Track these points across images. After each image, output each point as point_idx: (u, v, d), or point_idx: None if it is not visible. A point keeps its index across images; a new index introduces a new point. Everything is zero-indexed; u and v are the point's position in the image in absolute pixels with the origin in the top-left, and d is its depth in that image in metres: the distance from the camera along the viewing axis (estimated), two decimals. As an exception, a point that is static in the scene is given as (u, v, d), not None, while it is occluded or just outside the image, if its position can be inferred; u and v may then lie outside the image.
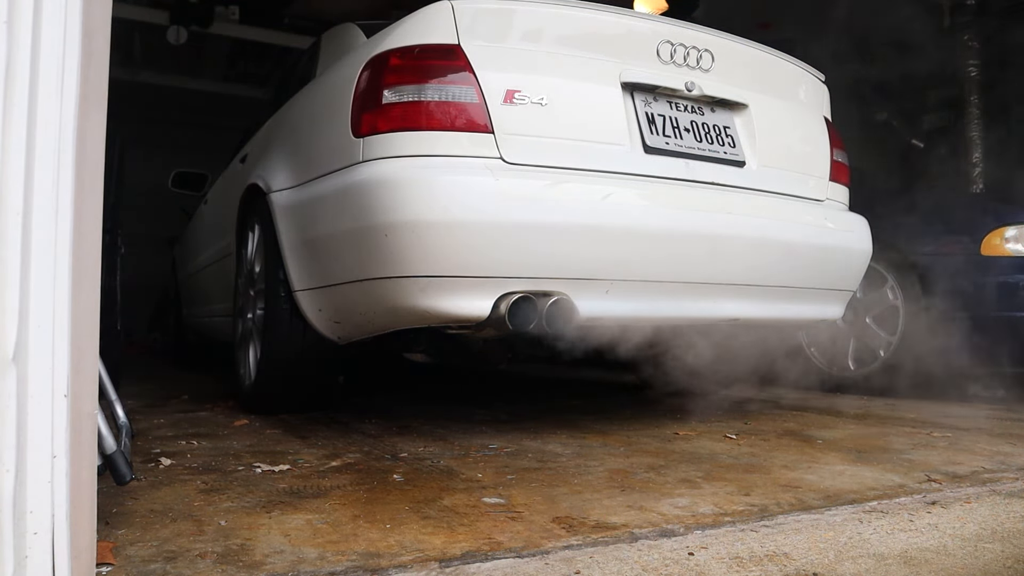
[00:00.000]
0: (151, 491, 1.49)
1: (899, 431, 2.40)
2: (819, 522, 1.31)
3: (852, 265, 2.45)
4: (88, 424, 0.92)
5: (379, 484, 1.57)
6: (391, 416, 2.56)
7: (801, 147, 2.45)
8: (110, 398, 1.66)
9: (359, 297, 1.98)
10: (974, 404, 3.23)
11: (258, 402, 2.53)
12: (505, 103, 1.91)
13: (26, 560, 0.82)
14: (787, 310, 2.32)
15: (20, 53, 0.84)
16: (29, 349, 0.84)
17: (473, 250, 1.79)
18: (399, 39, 1.95)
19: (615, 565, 1.08)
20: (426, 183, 1.81)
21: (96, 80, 0.93)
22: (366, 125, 1.92)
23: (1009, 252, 3.29)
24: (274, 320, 2.31)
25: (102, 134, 0.95)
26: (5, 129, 0.83)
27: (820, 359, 3.77)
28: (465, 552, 1.13)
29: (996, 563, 1.16)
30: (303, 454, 1.88)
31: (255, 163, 2.79)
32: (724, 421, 2.54)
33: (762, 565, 1.11)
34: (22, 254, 0.83)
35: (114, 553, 1.10)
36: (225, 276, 3.16)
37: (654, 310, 2.05)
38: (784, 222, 2.25)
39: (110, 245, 3.32)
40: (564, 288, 1.89)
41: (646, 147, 2.07)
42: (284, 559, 1.09)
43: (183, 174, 4.60)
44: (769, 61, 2.43)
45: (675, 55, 2.17)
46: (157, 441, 2.06)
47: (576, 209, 1.89)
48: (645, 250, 1.97)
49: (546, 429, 2.29)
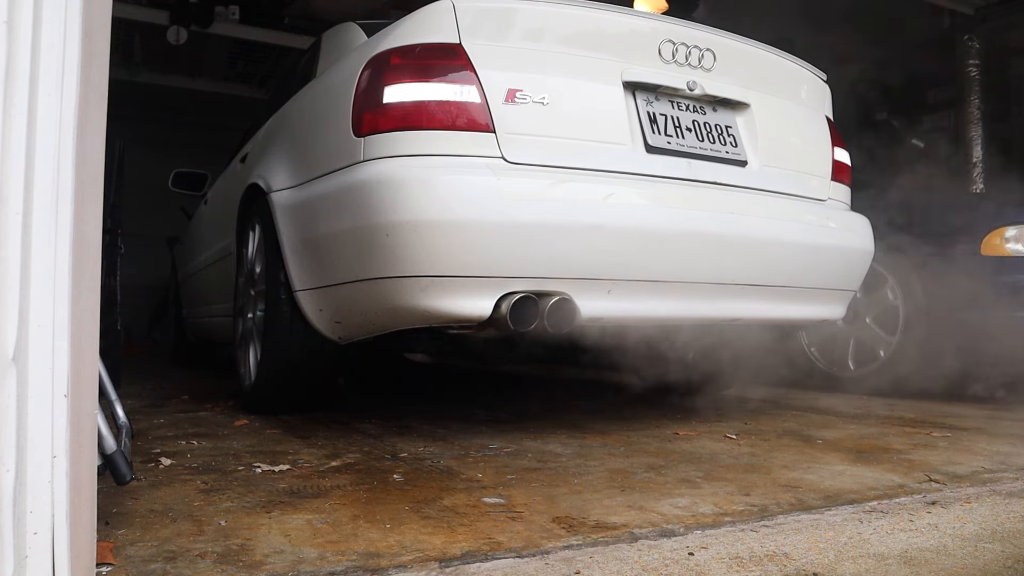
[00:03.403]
0: (151, 491, 1.48)
1: (899, 431, 2.40)
2: (819, 522, 1.31)
3: (854, 265, 2.45)
4: (88, 424, 0.92)
5: (379, 484, 1.57)
6: (391, 416, 2.56)
7: (803, 147, 2.45)
8: (110, 398, 1.66)
9: (360, 297, 1.98)
10: (974, 404, 3.23)
11: (258, 402, 2.53)
12: (507, 102, 1.91)
13: (26, 560, 0.82)
14: (788, 310, 2.32)
15: (20, 53, 0.84)
16: (29, 349, 0.84)
17: (474, 250, 1.79)
18: (400, 38, 1.95)
19: (615, 565, 1.08)
20: (427, 183, 1.81)
21: (96, 80, 0.93)
22: (367, 124, 1.92)
23: (1009, 252, 3.29)
24: (274, 320, 2.31)
25: (102, 134, 0.95)
26: (5, 129, 0.82)
27: (820, 359, 3.77)
28: (465, 552, 1.13)
29: (996, 563, 1.16)
30: (303, 454, 1.88)
31: (255, 163, 2.79)
32: (724, 421, 2.54)
33: (762, 565, 1.11)
34: (22, 254, 0.83)
35: (114, 553, 1.10)
36: (225, 276, 3.16)
37: (656, 310, 2.05)
38: (786, 222, 2.25)
39: (110, 245, 3.33)
40: (566, 288, 1.89)
41: (648, 147, 2.07)
42: (284, 559, 1.09)
43: (183, 174, 4.60)
44: (771, 60, 2.43)
45: (677, 54, 2.17)
46: (157, 441, 2.06)
47: (578, 209, 1.88)
48: (647, 250, 1.97)
49: (546, 429, 2.29)
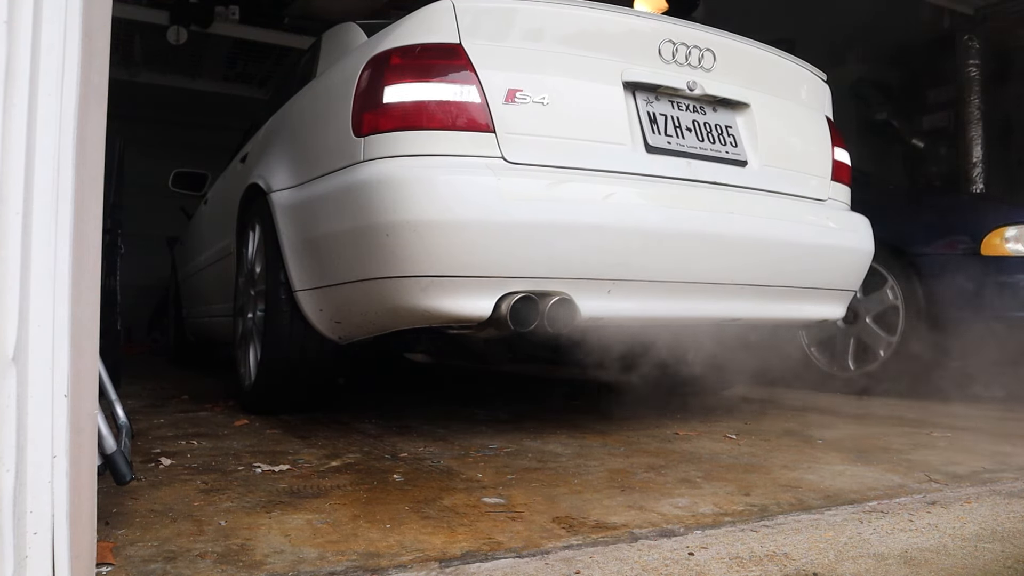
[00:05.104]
0: (151, 491, 1.48)
1: (899, 431, 2.40)
2: (819, 522, 1.31)
3: (854, 265, 2.45)
4: (88, 424, 0.92)
5: (379, 484, 1.57)
6: (391, 416, 2.56)
7: (803, 147, 2.45)
8: (110, 398, 1.66)
9: (360, 297, 1.98)
10: (974, 404, 3.23)
11: (258, 402, 2.53)
12: (507, 102, 1.91)
13: (26, 560, 0.82)
14: (788, 310, 2.32)
15: (20, 53, 0.84)
16: (29, 349, 0.84)
17: (474, 250, 1.79)
18: (400, 38, 1.95)
19: (615, 565, 1.08)
20: (427, 183, 1.81)
21: (96, 80, 0.93)
22: (367, 124, 1.92)
23: (1009, 252, 3.29)
24: (274, 320, 2.31)
25: (102, 134, 0.95)
26: (5, 129, 0.82)
27: (820, 359, 3.77)
28: (465, 552, 1.13)
29: (996, 563, 1.16)
30: (303, 454, 1.88)
31: (255, 163, 2.79)
32: (724, 421, 2.54)
33: (762, 565, 1.11)
34: (22, 254, 0.83)
35: (114, 553, 1.10)
36: (225, 276, 3.16)
37: (656, 310, 2.05)
38: (786, 222, 2.25)
39: (110, 245, 3.33)
40: (566, 288, 1.88)
41: (648, 147, 2.07)
42: (284, 559, 1.09)
43: (183, 174, 4.59)
44: (771, 60, 2.43)
45: (677, 54, 2.17)
46: (157, 441, 2.06)
47: (578, 209, 1.88)
48: (647, 250, 1.97)
49: (546, 429, 2.29)
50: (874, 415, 2.81)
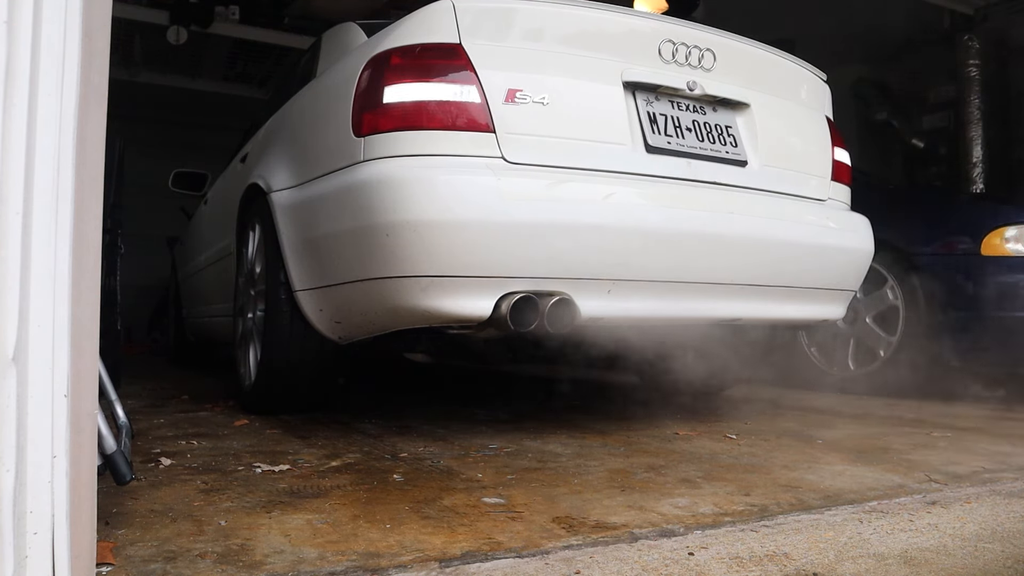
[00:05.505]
0: (151, 491, 1.48)
1: (899, 431, 2.40)
2: (819, 522, 1.31)
3: (854, 265, 2.45)
4: (88, 424, 0.92)
5: (379, 484, 1.57)
6: (391, 416, 2.56)
7: (803, 147, 2.45)
8: (110, 398, 1.66)
9: (360, 297, 1.98)
10: (974, 404, 3.23)
11: (258, 402, 2.53)
12: (507, 102, 1.91)
13: (26, 560, 0.82)
14: (788, 310, 2.32)
15: (20, 53, 0.84)
16: (29, 349, 0.84)
17: (474, 250, 1.79)
18: (400, 38, 1.95)
19: (615, 565, 1.08)
20: (427, 183, 1.81)
21: (96, 80, 0.93)
22: (367, 124, 1.92)
23: (1009, 252, 3.29)
24: (275, 320, 2.31)
25: (102, 134, 0.95)
26: (5, 129, 0.82)
27: (820, 359, 3.77)
28: (465, 552, 1.13)
29: (996, 563, 1.16)
30: (303, 454, 1.88)
31: (255, 163, 2.79)
32: (724, 421, 2.54)
33: (762, 565, 1.11)
34: (22, 254, 0.83)
35: (114, 553, 1.10)
36: (225, 276, 3.16)
37: (655, 310, 2.05)
38: (786, 222, 2.25)
39: (110, 245, 3.33)
40: (566, 288, 1.89)
41: (648, 147, 2.07)
42: (284, 559, 1.09)
43: (183, 174, 4.59)
44: (771, 60, 2.43)
45: (677, 54, 2.17)
46: (157, 441, 2.06)
47: (578, 209, 1.88)
48: (647, 250, 1.97)
49: (546, 429, 2.29)
50: (874, 415, 2.81)
